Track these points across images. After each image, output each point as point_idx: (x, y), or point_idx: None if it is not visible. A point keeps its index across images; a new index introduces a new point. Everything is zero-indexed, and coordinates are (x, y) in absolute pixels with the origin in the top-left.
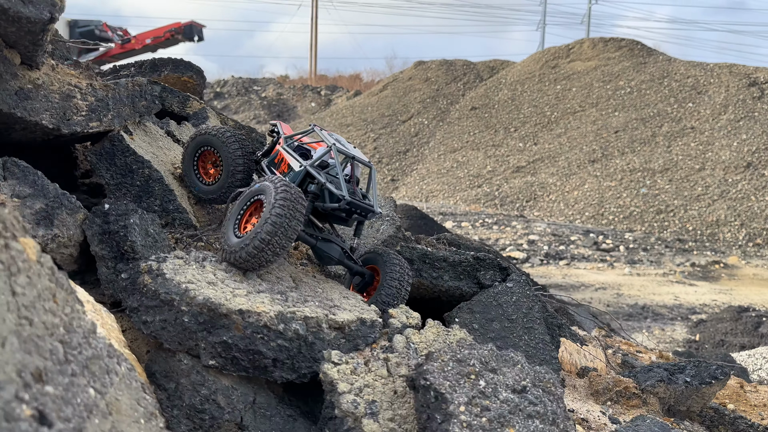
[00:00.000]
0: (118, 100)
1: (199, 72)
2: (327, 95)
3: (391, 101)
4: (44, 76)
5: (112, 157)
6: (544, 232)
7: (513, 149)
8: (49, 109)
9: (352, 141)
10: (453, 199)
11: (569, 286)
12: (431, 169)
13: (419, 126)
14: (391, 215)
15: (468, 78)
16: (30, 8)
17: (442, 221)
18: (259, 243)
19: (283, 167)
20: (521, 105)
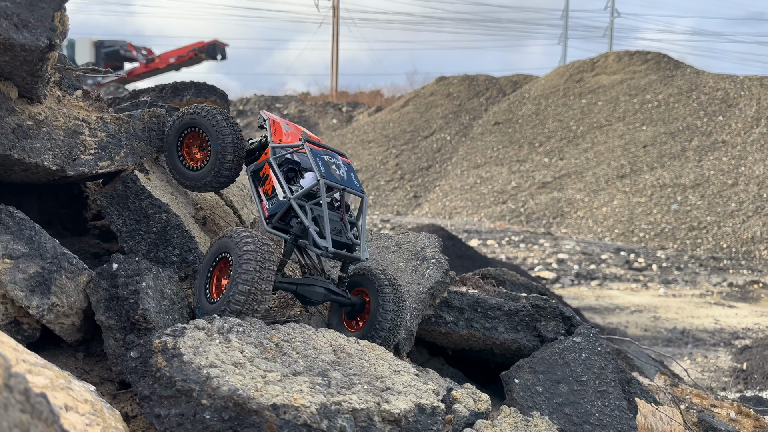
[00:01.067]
0: (133, 135)
1: (224, 96)
2: (348, 112)
3: (413, 117)
4: (47, 111)
5: (125, 201)
6: (573, 250)
7: (538, 164)
8: (52, 148)
9: (373, 157)
10: (477, 215)
11: (603, 309)
12: (454, 186)
13: (441, 142)
14: (437, 257)
15: (490, 93)
16: (24, 34)
17: (466, 239)
18: (233, 309)
19: (267, 188)
20: (546, 119)
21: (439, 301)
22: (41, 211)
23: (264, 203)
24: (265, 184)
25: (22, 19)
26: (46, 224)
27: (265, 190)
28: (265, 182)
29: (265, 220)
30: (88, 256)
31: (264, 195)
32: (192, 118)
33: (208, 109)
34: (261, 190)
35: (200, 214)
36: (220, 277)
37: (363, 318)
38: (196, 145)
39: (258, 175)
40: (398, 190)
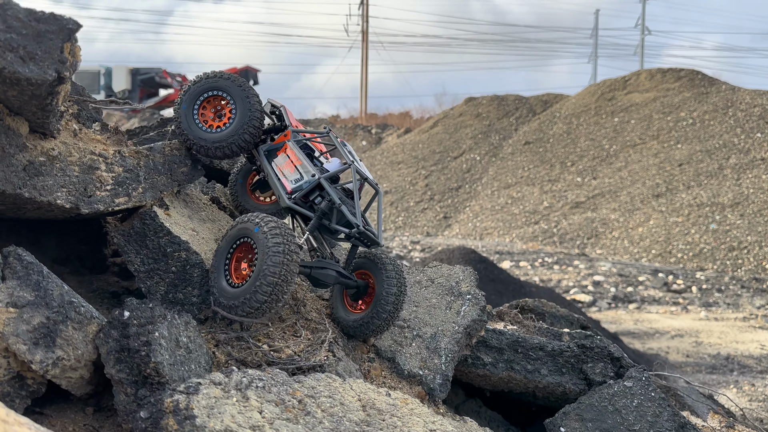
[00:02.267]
0: (152, 169)
1: None
2: (377, 133)
3: (442, 138)
4: (61, 146)
5: (143, 239)
6: (609, 272)
7: (571, 184)
8: (66, 185)
9: (402, 178)
10: (509, 236)
11: (643, 334)
12: (485, 206)
13: (471, 162)
14: (473, 293)
15: (520, 112)
16: (31, 67)
17: (498, 261)
18: (259, 299)
19: (288, 166)
20: (577, 138)
21: (476, 341)
22: (59, 248)
23: (285, 180)
24: (285, 163)
25: (29, 51)
26: (63, 261)
27: (286, 168)
28: (285, 162)
29: (286, 195)
30: (106, 295)
31: (283, 174)
32: (215, 82)
33: (229, 74)
34: (279, 170)
35: None
36: (240, 260)
37: (365, 300)
38: (214, 109)
39: (275, 153)
40: (428, 211)
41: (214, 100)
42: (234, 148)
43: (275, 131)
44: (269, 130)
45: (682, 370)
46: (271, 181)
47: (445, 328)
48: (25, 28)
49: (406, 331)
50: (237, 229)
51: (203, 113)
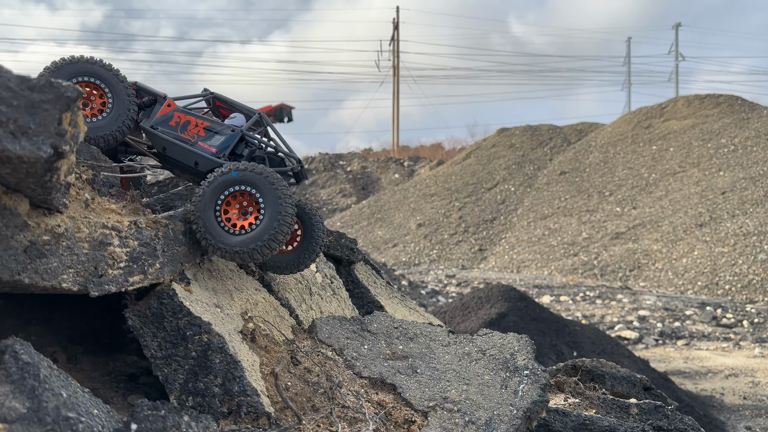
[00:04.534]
0: (172, 240)
1: None
2: (410, 166)
3: (475, 169)
4: (68, 221)
5: (161, 320)
6: (654, 306)
7: (610, 214)
8: (73, 265)
9: (436, 210)
10: (547, 269)
11: (694, 373)
12: (521, 238)
13: (506, 193)
14: (531, 367)
15: (555, 142)
16: (23, 143)
17: (537, 295)
18: (272, 244)
19: (197, 131)
20: (615, 167)
21: (536, 424)
22: (73, 325)
23: (203, 143)
24: (189, 129)
25: (20, 125)
26: (78, 340)
27: (193, 133)
28: (188, 127)
29: (213, 156)
30: (123, 378)
31: (192, 138)
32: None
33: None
34: (185, 135)
35: (248, 327)
36: (229, 210)
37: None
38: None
39: (168, 125)
40: (462, 244)
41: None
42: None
43: (145, 106)
44: (140, 106)
45: (741, 413)
46: (179, 149)
47: (501, 412)
48: (16, 99)
49: (456, 416)
50: (230, 178)
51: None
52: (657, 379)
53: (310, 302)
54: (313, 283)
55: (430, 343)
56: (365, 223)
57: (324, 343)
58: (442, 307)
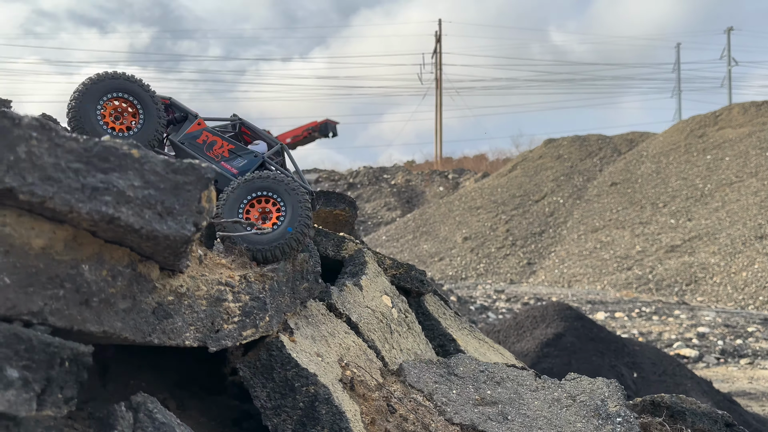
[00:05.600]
0: (276, 291)
1: (352, 203)
2: (455, 178)
3: (522, 181)
4: (189, 281)
5: (270, 371)
6: (714, 322)
7: (664, 226)
8: (194, 322)
9: (482, 224)
10: (599, 283)
11: (761, 395)
12: (571, 251)
13: (554, 205)
14: (623, 414)
15: (604, 153)
16: (169, 223)
17: (591, 311)
18: (293, 243)
19: (221, 151)
20: (668, 178)
21: None
22: (179, 371)
23: (225, 164)
24: (214, 148)
25: (167, 206)
26: (184, 384)
27: (217, 153)
28: (213, 147)
29: (234, 177)
30: (228, 423)
31: (216, 158)
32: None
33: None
34: (211, 155)
35: (347, 374)
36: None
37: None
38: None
39: (195, 142)
40: (510, 258)
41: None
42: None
43: (175, 122)
44: (170, 121)
45: None
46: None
47: None
48: (162, 182)
49: None
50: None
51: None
52: (722, 402)
53: (392, 341)
54: (391, 320)
55: (518, 387)
56: (410, 237)
57: (414, 387)
58: (495, 326)
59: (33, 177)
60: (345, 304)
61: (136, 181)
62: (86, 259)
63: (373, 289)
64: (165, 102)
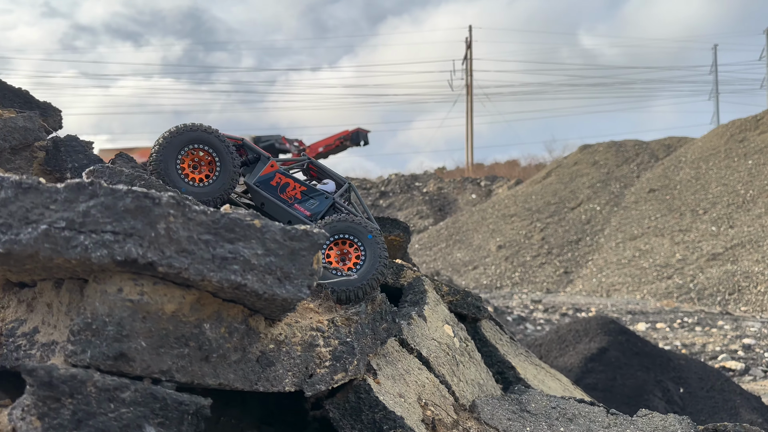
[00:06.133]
0: (360, 334)
1: (406, 229)
2: (487, 186)
3: (557, 188)
4: (286, 329)
5: (358, 414)
6: (759, 333)
7: (705, 234)
8: (291, 368)
9: (517, 232)
10: (639, 293)
11: None
12: (609, 260)
13: (591, 212)
14: None
15: (641, 158)
16: (287, 287)
17: (631, 321)
18: (373, 283)
19: (294, 193)
20: (708, 184)
21: None
22: (263, 405)
23: (299, 206)
24: (287, 190)
25: (285, 272)
26: (268, 419)
27: (291, 195)
28: (287, 189)
29: (308, 219)
30: None
31: (289, 200)
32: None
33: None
34: (285, 197)
35: (427, 415)
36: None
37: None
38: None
39: (269, 184)
40: (546, 266)
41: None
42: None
43: (248, 163)
44: (243, 162)
45: None
46: (277, 208)
47: None
48: (281, 249)
49: None
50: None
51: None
52: None
53: (458, 373)
54: (455, 350)
55: (590, 425)
56: (443, 245)
57: (489, 425)
58: (536, 339)
59: (170, 250)
60: (415, 338)
61: (258, 249)
62: (207, 318)
63: (435, 319)
64: (237, 143)
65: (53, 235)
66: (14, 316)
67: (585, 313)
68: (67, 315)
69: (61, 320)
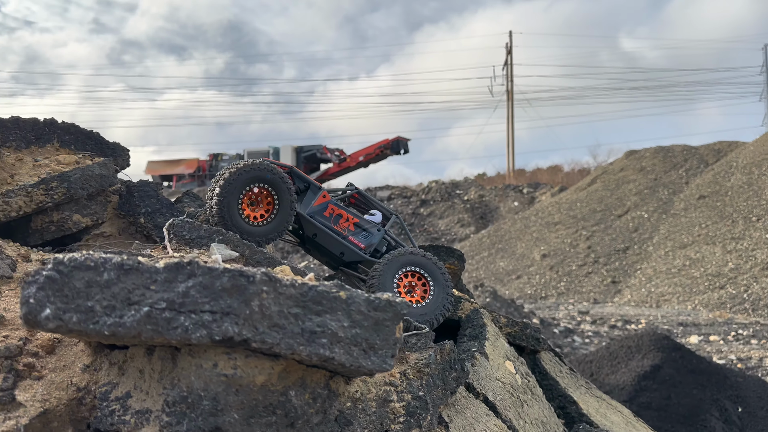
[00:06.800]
0: (432, 386)
1: (461, 257)
2: (530, 193)
3: (603, 195)
4: (361, 385)
5: None
6: None
7: (759, 242)
8: (367, 425)
9: (561, 240)
10: (690, 303)
11: None
12: (659, 269)
13: (638, 220)
14: None
15: (690, 164)
16: (372, 358)
17: (683, 334)
18: (440, 318)
19: (347, 225)
20: (761, 190)
21: None
22: None
23: (353, 238)
24: (340, 222)
25: (370, 343)
26: None
27: (344, 227)
28: (340, 221)
29: (361, 251)
30: None
31: (343, 231)
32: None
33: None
34: (338, 228)
35: None
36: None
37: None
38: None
39: (322, 215)
40: (593, 276)
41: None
42: None
43: (297, 192)
44: (304, 190)
45: None
46: (331, 239)
47: None
48: (365, 320)
49: None
50: (401, 261)
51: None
52: None
53: (524, 415)
54: (517, 388)
55: None
56: (486, 254)
57: None
58: (586, 356)
59: (263, 326)
60: (480, 380)
61: (345, 321)
62: (292, 386)
63: (496, 356)
64: (285, 170)
65: (155, 316)
66: (106, 379)
67: (634, 325)
68: (160, 383)
69: (154, 387)
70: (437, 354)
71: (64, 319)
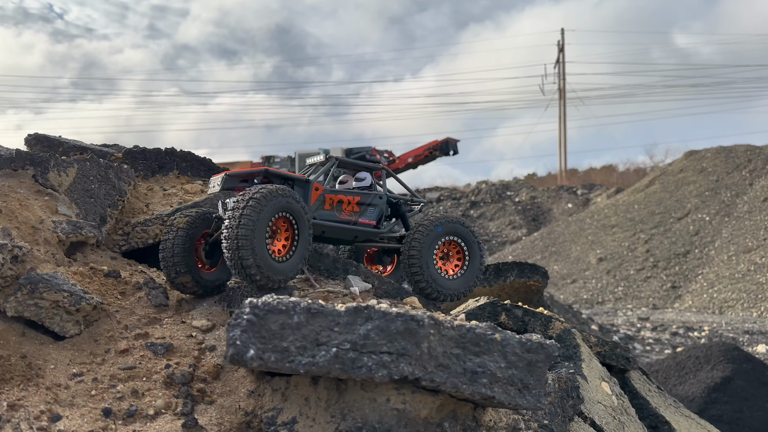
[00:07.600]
0: (554, 414)
1: (545, 274)
2: (584, 194)
3: (661, 197)
4: (494, 414)
5: None
6: None
7: None
8: None
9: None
10: (756, 310)
11: None
12: (721, 274)
13: (699, 223)
14: None
15: (754, 165)
16: (527, 398)
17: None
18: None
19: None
20: None
21: None
22: None
23: (362, 220)
24: (343, 208)
25: (525, 383)
26: None
27: (348, 211)
28: (342, 207)
29: (374, 228)
30: None
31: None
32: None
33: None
34: (343, 217)
35: None
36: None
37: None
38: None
39: (324, 209)
40: (652, 280)
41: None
42: None
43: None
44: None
45: None
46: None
47: None
48: (520, 361)
49: None
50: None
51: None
52: None
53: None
54: (615, 409)
55: None
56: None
57: None
58: (651, 365)
59: (431, 366)
60: (585, 403)
61: (501, 362)
62: (446, 417)
63: (593, 377)
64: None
65: (342, 357)
66: (271, 404)
67: (697, 332)
68: (327, 411)
69: (321, 415)
70: (556, 382)
71: (264, 358)
